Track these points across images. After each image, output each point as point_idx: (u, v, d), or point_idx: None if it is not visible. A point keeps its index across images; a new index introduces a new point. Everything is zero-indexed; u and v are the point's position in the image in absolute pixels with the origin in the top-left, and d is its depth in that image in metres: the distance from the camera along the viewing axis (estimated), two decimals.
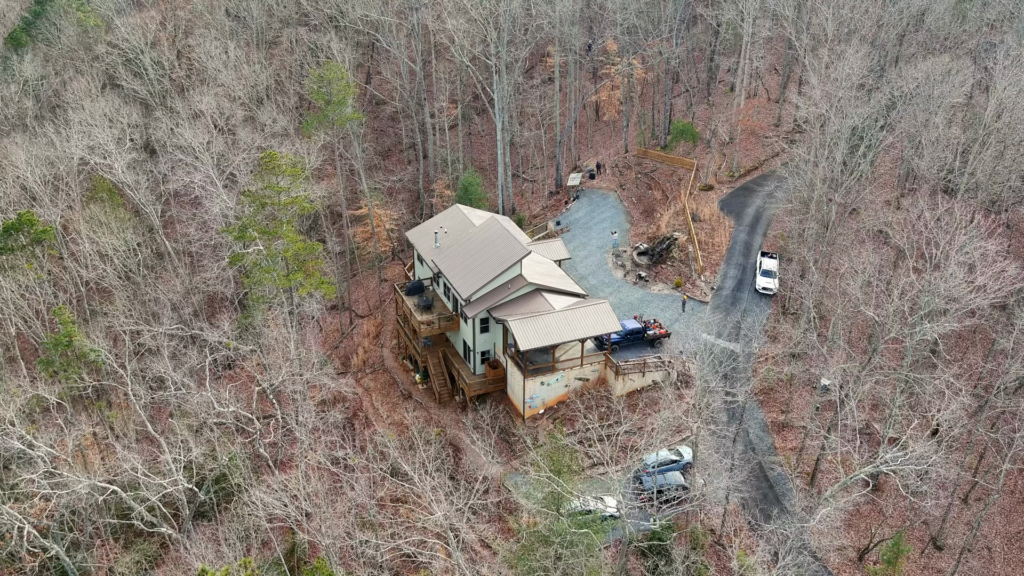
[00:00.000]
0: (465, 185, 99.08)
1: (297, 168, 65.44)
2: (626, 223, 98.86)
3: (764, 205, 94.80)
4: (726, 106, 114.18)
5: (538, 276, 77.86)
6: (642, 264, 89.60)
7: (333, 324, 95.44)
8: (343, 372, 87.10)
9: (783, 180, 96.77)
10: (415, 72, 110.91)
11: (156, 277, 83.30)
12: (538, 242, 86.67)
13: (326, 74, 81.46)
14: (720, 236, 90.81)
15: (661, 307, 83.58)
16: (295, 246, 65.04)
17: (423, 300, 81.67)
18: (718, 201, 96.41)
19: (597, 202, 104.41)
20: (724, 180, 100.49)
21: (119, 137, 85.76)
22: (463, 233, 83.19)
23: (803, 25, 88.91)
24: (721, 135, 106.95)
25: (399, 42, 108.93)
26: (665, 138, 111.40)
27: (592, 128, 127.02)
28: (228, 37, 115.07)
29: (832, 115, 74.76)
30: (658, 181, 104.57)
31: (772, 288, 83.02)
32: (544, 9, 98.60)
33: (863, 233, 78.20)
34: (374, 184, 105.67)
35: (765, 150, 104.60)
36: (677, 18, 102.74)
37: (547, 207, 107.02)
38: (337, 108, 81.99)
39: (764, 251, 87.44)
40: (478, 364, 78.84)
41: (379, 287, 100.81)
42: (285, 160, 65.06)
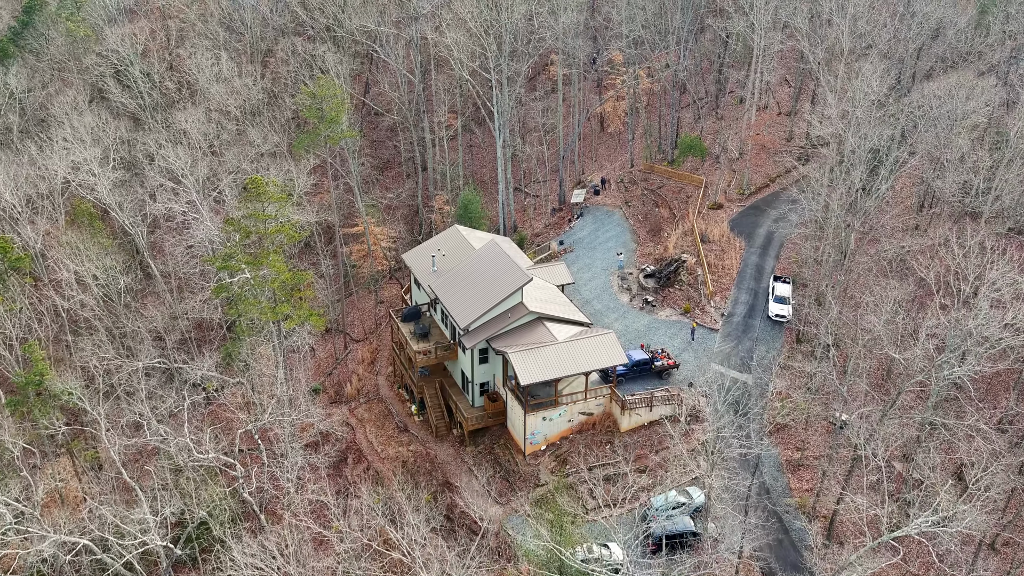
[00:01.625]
0: (465, 203, 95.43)
1: (284, 195, 61.74)
2: (632, 243, 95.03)
3: (776, 225, 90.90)
4: (735, 120, 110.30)
5: (540, 304, 74.11)
6: (649, 288, 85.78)
7: (327, 349, 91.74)
8: (336, 401, 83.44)
9: (796, 199, 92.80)
10: (414, 84, 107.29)
11: (141, 302, 79.73)
12: (540, 266, 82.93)
13: (318, 90, 77.77)
14: (730, 258, 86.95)
15: (669, 334, 79.75)
16: (282, 276, 61.39)
17: (420, 327, 77.96)
18: (728, 221, 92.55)
19: (602, 220, 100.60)
20: (734, 198, 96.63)
21: (103, 156, 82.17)
22: (462, 257, 79.51)
23: (818, 39, 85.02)
24: (731, 150, 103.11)
25: (397, 53, 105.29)
26: (672, 152, 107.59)
27: (596, 140, 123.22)
28: (221, 48, 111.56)
29: (850, 135, 70.89)
30: (665, 198, 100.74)
31: (786, 315, 79.14)
32: (547, 21, 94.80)
33: (883, 261, 74.26)
34: (371, 201, 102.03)
35: (776, 166, 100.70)
36: (685, 29, 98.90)
37: (550, 225, 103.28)
38: (330, 126, 78.30)
39: (777, 275, 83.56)
40: (477, 396, 75.12)
41: (375, 309, 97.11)
42: (272, 186, 61.36)
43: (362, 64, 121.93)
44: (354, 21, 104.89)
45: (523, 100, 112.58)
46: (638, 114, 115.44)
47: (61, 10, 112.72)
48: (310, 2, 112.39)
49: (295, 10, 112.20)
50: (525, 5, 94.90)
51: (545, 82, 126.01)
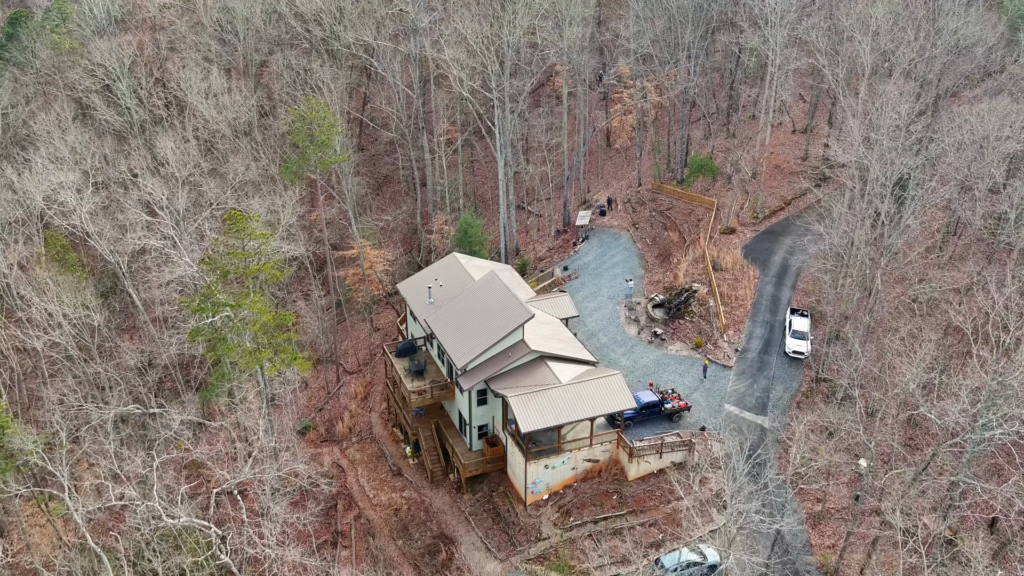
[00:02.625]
0: (464, 227, 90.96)
1: (265, 233, 57.33)
2: (640, 268, 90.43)
3: (792, 253, 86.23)
4: (748, 138, 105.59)
5: (542, 341, 69.56)
6: (658, 319, 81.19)
7: (318, 381, 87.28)
8: (327, 440, 79.00)
9: (812, 224, 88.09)
10: (412, 99, 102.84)
11: (122, 337, 75.40)
12: (543, 297, 78.36)
13: (308, 112, 73.31)
14: (744, 288, 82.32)
15: (679, 371, 75.14)
16: (264, 317, 57.00)
17: (414, 364, 73.43)
18: (741, 247, 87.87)
19: (608, 243, 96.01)
20: (747, 222, 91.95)
21: (83, 179, 77.84)
22: (460, 289, 75.02)
23: (837, 57, 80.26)
24: (743, 170, 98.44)
25: (394, 68, 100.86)
26: (682, 171, 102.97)
27: (603, 156, 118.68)
28: (213, 61, 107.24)
29: (874, 164, 66.20)
30: (674, 221, 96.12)
31: (804, 352, 74.47)
32: (551, 36, 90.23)
33: (911, 301, 69.54)
34: (366, 223, 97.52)
35: (791, 188, 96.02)
36: (696, 45, 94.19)
37: (554, 248, 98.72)
38: (321, 150, 73.89)
39: (794, 308, 78.87)
40: (475, 439, 70.60)
41: (370, 337, 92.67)
42: (254, 221, 56.96)
43: (360, 77, 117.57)
44: (350, 34, 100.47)
45: (526, 115, 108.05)
46: (646, 129, 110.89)
47: (46, 22, 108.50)
48: (306, 13, 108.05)
49: (290, 22, 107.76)
50: (528, 19, 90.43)
51: (549, 95, 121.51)
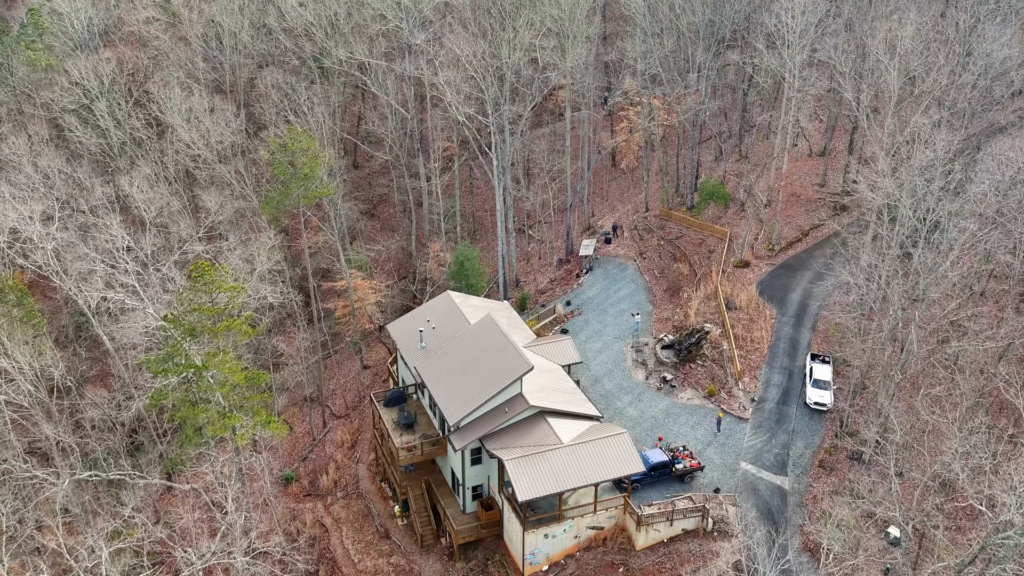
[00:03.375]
0: (461, 259, 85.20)
1: (236, 286, 51.71)
2: (647, 303, 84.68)
3: (811, 290, 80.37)
4: (761, 161, 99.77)
5: (542, 394, 63.89)
6: (667, 362, 75.42)
7: (303, 425, 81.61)
8: (310, 494, 73.35)
9: (834, 266, 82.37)
10: (407, 119, 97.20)
11: (88, 383, 69.90)
12: (544, 340, 72.65)
13: (290, 142, 67.66)
14: (760, 329, 76.53)
15: (691, 423, 69.37)
16: (235, 377, 51.45)
17: (404, 416, 67.76)
18: (756, 283, 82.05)
19: (613, 275, 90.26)
20: (762, 255, 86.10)
21: (50, 212, 72.33)
22: (454, 333, 69.37)
23: (861, 81, 74.39)
24: (757, 196, 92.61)
25: (388, 86, 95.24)
26: (692, 196, 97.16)
27: (607, 177, 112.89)
28: (198, 79, 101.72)
29: (905, 204, 60.39)
30: (684, 251, 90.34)
31: (826, 403, 68.64)
32: (553, 57, 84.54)
33: (949, 360, 63.65)
34: (357, 251, 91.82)
35: (809, 217, 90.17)
36: (707, 66, 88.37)
37: (555, 280, 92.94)
38: (304, 182, 68.30)
39: (814, 353, 73.02)
40: (469, 501, 64.92)
41: (359, 376, 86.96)
42: (223, 273, 51.33)
43: (354, 94, 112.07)
44: (341, 51, 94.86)
45: (527, 134, 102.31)
46: (653, 149, 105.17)
47: (22, 37, 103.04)
48: (296, 28, 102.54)
49: (279, 37, 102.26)
50: (529, 36, 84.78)
51: (552, 110, 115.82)
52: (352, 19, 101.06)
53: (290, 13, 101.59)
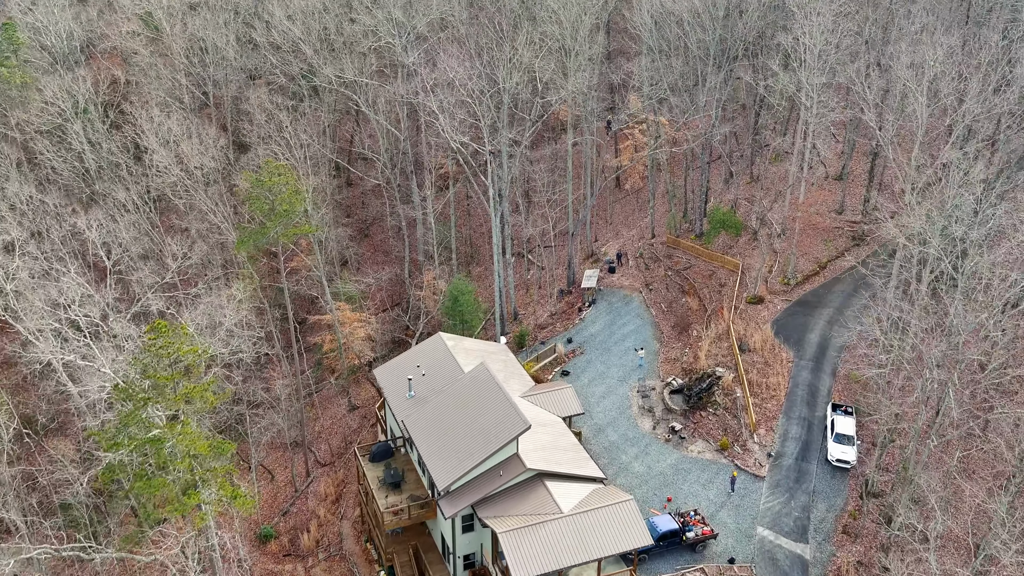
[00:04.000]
0: (455, 294, 79.94)
1: (196, 348, 46.41)
2: (654, 340, 79.25)
3: (831, 330, 74.86)
4: (773, 184, 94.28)
5: (541, 455, 58.50)
6: (676, 409, 69.99)
7: (285, 473, 76.30)
8: (290, 553, 68.01)
9: (853, 295, 76.97)
10: (399, 140, 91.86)
11: (52, 436, 64.61)
12: (543, 389, 67.22)
13: (266, 177, 62.32)
14: (776, 375, 71.05)
15: (702, 481, 63.92)
16: (196, 448, 46.16)
17: (390, 474, 62.39)
18: (771, 322, 76.55)
19: (618, 309, 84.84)
20: (777, 289, 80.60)
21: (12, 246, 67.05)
22: (446, 381, 64.04)
23: (887, 110, 68.81)
24: (771, 223, 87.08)
25: (380, 106, 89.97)
26: (701, 223, 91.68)
27: (611, 198, 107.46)
28: (181, 98, 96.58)
29: (937, 248, 54.91)
30: (693, 284, 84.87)
31: (850, 460, 63.13)
32: (553, 80, 79.18)
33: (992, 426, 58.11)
34: (347, 278, 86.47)
35: (827, 248, 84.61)
36: (717, 87, 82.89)
37: (556, 314, 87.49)
38: (283, 219, 62.98)
39: (836, 403, 67.50)
40: (460, 570, 59.52)
41: (347, 418, 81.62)
42: (181, 335, 46.01)
43: (345, 113, 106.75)
44: (330, 68, 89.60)
45: (526, 155, 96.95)
46: (659, 171, 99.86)
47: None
48: (284, 44, 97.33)
49: (265, 53, 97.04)
50: (529, 54, 79.47)
51: (553, 128, 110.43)
52: (343, 34, 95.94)
53: (278, 27, 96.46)
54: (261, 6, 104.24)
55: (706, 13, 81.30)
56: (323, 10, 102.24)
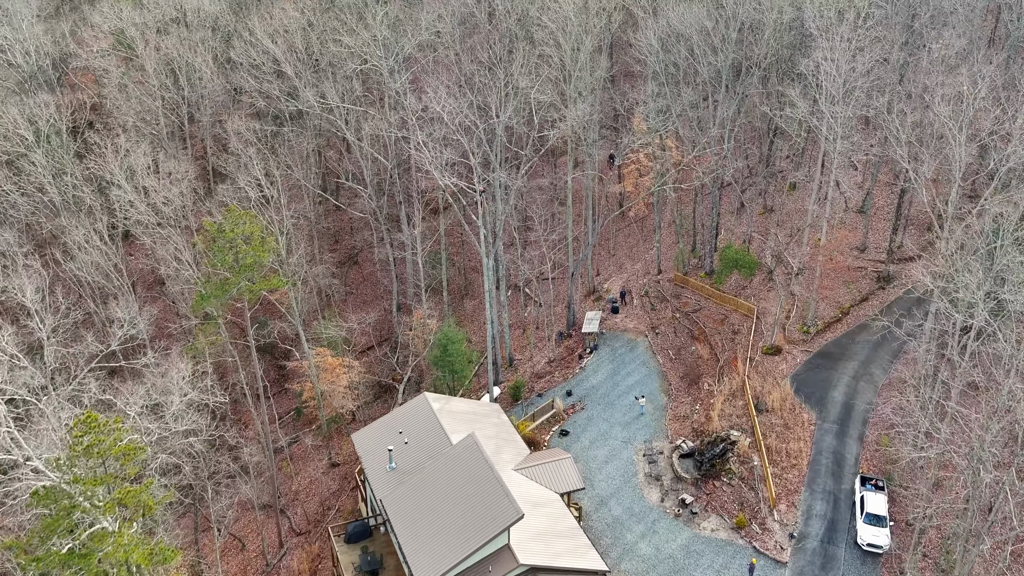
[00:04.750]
0: (443, 344, 73.26)
1: (131, 445, 39.84)
2: (661, 394, 72.61)
3: (856, 386, 68.14)
4: (789, 218, 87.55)
5: (535, 546, 51.91)
6: (686, 478, 63.30)
7: (256, 542, 69.64)
8: None
9: (880, 346, 70.23)
10: (387, 167, 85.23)
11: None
12: (539, 460, 60.51)
13: (228, 227, 55.66)
14: (797, 440, 64.33)
15: (716, 566, 57.15)
16: (133, 557, 39.58)
17: (367, 560, 55.79)
18: (790, 376, 69.79)
19: (622, 355, 78.18)
20: (796, 338, 73.86)
21: None
22: (430, 454, 57.48)
23: (924, 155, 61.89)
24: (787, 262, 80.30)
25: (365, 132, 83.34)
26: (711, 260, 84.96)
27: (614, 227, 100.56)
28: (154, 122, 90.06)
29: (982, 311, 48.16)
30: (703, 329, 78.18)
31: (883, 544, 56.27)
32: (552, 110, 72.56)
33: None
34: (326, 327, 79.85)
35: (849, 291, 77.83)
36: (729, 116, 76.22)
37: (555, 360, 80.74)
38: (248, 273, 56.41)
39: (865, 476, 60.67)
40: None
41: (326, 477, 74.99)
42: (113, 428, 39.42)
43: (330, 138, 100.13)
44: (310, 92, 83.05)
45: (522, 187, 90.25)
46: (665, 200, 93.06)
47: None
48: (264, 64, 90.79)
49: (244, 76, 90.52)
50: (524, 80, 72.88)
51: (552, 151, 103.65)
52: (327, 55, 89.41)
53: (258, 46, 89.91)
54: (240, 23, 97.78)
55: (717, 34, 74.61)
56: (307, 26, 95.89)
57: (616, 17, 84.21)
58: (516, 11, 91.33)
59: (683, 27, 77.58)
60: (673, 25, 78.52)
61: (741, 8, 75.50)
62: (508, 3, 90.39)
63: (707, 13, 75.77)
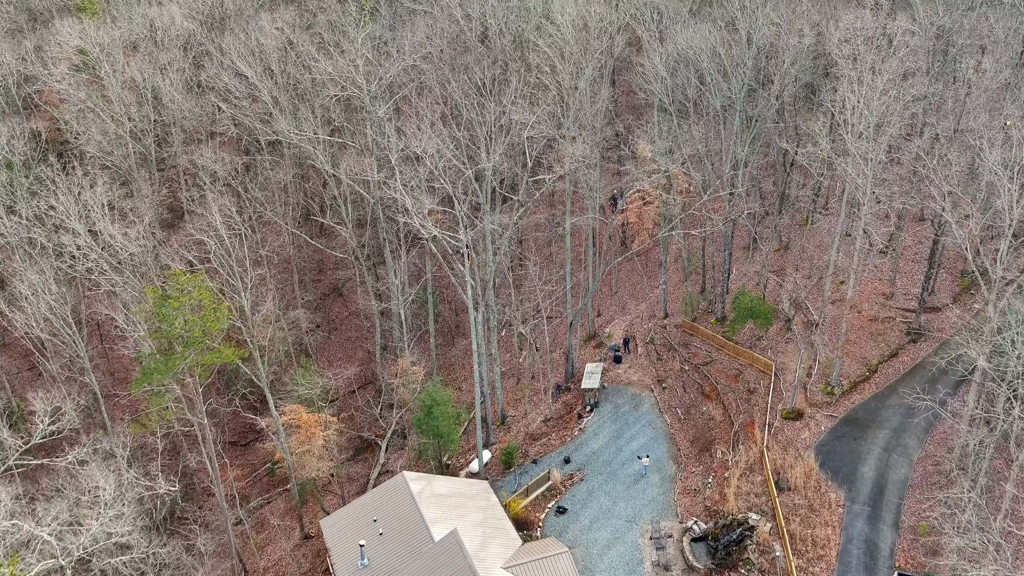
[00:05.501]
0: (428, 405, 65.92)
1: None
2: (669, 461, 65.42)
3: (889, 459, 60.82)
4: (807, 257, 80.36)
5: None
6: (699, 567, 56.07)
7: None
8: None
9: (914, 411, 62.96)
10: (369, 201, 78.18)
11: None
12: (532, 555, 53.25)
13: (173, 295, 48.45)
14: (824, 524, 56.99)
15: None
16: None
17: None
18: (814, 447, 62.48)
19: (626, 415, 71.02)
20: (819, 400, 66.59)
21: None
22: (406, 551, 50.29)
23: (971, 209, 54.55)
24: (805, 308, 73.03)
25: (345, 168, 76.26)
26: (722, 305, 77.79)
27: (614, 259, 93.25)
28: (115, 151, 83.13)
29: None
30: (715, 385, 71.02)
31: None
32: (549, 151, 65.41)
33: None
34: (299, 382, 72.64)
35: (876, 344, 70.53)
36: (744, 152, 69.05)
37: (551, 419, 73.48)
38: (197, 345, 49.30)
39: (903, 573, 53.42)
40: None
41: (297, 553, 67.79)
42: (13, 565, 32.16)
43: (309, 169, 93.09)
44: (283, 123, 75.98)
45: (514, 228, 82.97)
46: (672, 237, 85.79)
47: None
48: (236, 89, 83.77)
49: (216, 103, 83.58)
50: (518, 113, 65.72)
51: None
52: (304, 81, 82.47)
53: (229, 69, 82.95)
54: (213, 42, 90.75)
55: (731, 59, 67.36)
56: (287, 46, 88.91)
57: (619, 39, 76.97)
58: (510, 31, 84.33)
59: (692, 52, 70.46)
60: (681, 50, 71.41)
61: (757, 32, 68.38)
62: (502, 22, 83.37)
63: (719, 38, 68.55)
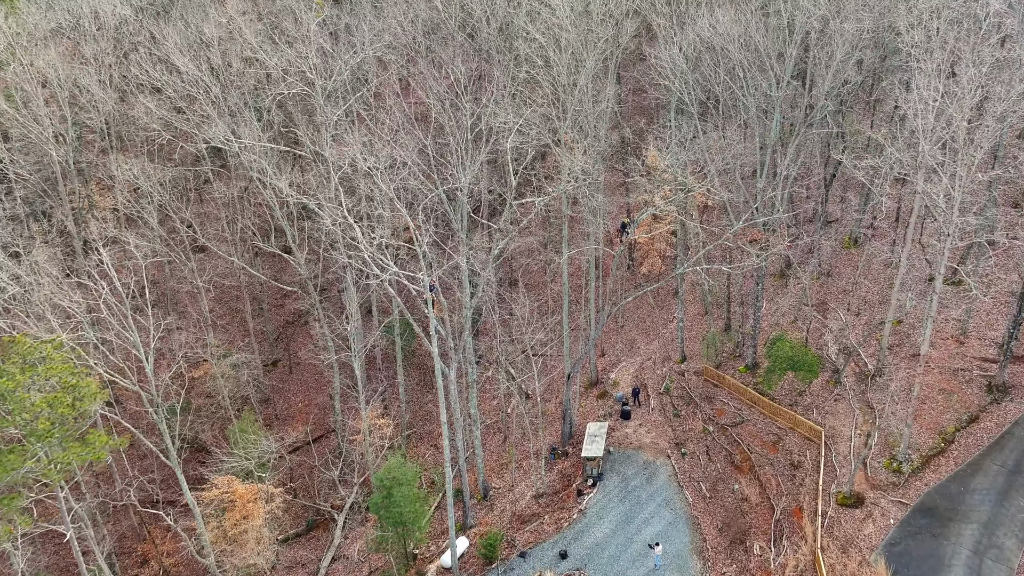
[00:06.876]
0: (388, 486, 51.88)
1: None
2: (692, 555, 51.55)
3: (982, 566, 46.81)
4: (854, 289, 66.33)
5: None
6: None
7: None
8: None
9: (1008, 495, 49.00)
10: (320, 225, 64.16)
11: None
12: None
13: (15, 370, 34.59)
14: None
15: None
16: None
17: None
18: (882, 546, 48.46)
19: (636, 491, 57.09)
20: (883, 482, 52.48)
21: None
22: None
23: None
24: (858, 353, 59.16)
25: (287, 186, 62.33)
26: (753, 349, 63.86)
27: (621, 289, 79.15)
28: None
29: None
30: (749, 454, 57.14)
31: None
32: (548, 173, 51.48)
33: None
34: (235, 452, 58.78)
35: (950, 404, 56.40)
36: (786, 167, 55.12)
37: (545, 495, 59.43)
38: (52, 439, 35.50)
39: None
40: None
41: None
42: None
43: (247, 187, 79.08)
44: (219, 128, 62.04)
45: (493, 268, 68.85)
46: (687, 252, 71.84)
47: None
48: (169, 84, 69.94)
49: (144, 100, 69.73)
50: (506, 114, 51.85)
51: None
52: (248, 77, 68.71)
53: (160, 65, 69.09)
54: (143, 32, 76.95)
55: (774, 48, 53.38)
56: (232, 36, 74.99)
57: (628, 26, 62.97)
58: (497, 19, 70.51)
59: (717, 37, 56.46)
60: (705, 38, 57.43)
61: (800, 14, 54.44)
62: (488, 6, 69.57)
63: (754, 24, 54.56)
